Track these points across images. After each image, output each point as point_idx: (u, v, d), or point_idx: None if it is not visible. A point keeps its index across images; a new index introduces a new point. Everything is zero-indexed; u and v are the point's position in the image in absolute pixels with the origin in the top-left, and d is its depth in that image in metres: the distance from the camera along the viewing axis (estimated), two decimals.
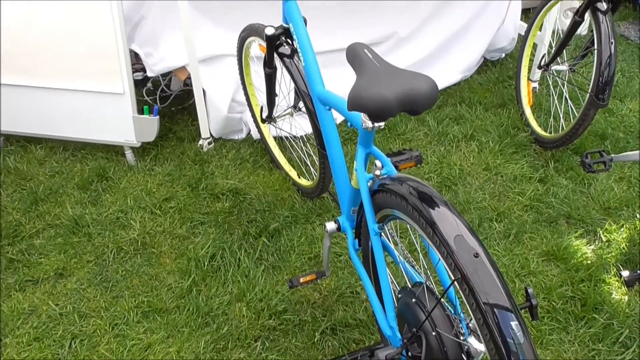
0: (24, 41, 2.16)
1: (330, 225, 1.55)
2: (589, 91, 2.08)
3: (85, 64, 2.16)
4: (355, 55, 1.18)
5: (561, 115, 2.43)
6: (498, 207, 2.13)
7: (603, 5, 2.04)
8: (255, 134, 2.45)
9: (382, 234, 1.34)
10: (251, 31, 1.98)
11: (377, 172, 1.25)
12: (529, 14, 3.46)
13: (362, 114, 1.17)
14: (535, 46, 2.63)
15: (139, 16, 2.51)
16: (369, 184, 1.27)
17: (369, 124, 1.16)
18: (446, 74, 2.81)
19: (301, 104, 1.90)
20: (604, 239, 2.00)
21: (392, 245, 1.41)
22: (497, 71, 2.99)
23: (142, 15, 2.49)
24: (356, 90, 1.07)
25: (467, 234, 1.05)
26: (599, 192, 2.19)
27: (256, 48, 2.06)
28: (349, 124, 1.38)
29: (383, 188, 1.20)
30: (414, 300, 1.19)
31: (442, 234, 1.05)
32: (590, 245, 1.98)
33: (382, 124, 1.16)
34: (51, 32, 2.13)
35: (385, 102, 1.03)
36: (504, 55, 3.09)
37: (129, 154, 2.34)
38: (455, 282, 1.00)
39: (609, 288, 1.81)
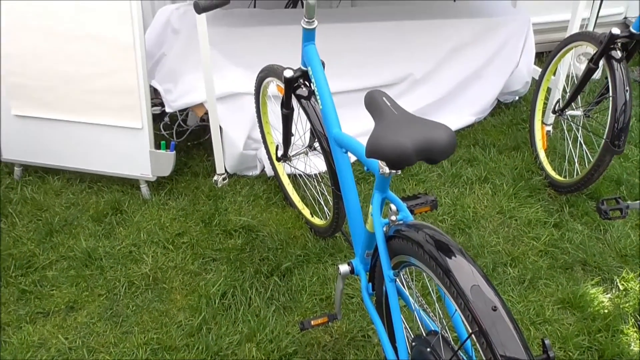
0: (49, 75, 2.21)
1: (344, 268, 1.54)
2: (605, 137, 2.09)
3: (106, 99, 2.21)
4: (374, 103, 1.20)
5: (576, 160, 2.43)
6: (512, 252, 2.11)
7: (617, 54, 2.06)
8: (269, 171, 2.47)
9: (397, 279, 1.33)
10: (269, 72, 2.02)
11: (393, 218, 1.25)
12: (542, 58, 3.50)
13: (379, 160, 1.18)
14: (549, 90, 2.65)
15: (160, 53, 2.58)
16: (384, 229, 1.27)
17: (387, 170, 1.16)
18: (460, 116, 2.83)
19: (316, 144, 1.91)
20: (621, 287, 1.97)
21: (406, 291, 1.40)
22: (510, 114, 3.01)
23: (164, 52, 2.56)
24: (375, 138, 1.08)
25: (483, 284, 1.04)
26: (616, 239, 2.17)
27: (274, 88, 2.10)
28: (365, 167, 1.39)
29: (399, 234, 1.20)
30: (429, 349, 1.18)
31: (459, 284, 1.04)
32: (607, 294, 1.95)
33: (399, 171, 1.17)
34: (76, 68, 2.18)
35: (403, 151, 1.04)
36: (517, 98, 3.12)
37: (144, 188, 2.37)
38: (473, 335, 0.99)
39: (627, 339, 1.77)
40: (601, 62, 2.14)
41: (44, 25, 2.14)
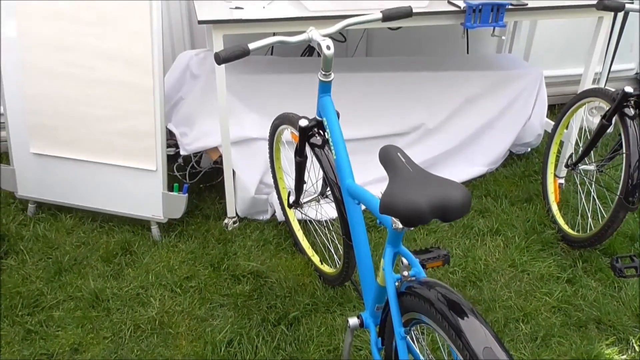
0: (69, 116, 2.26)
1: (353, 321, 1.52)
2: (618, 194, 2.07)
3: (123, 141, 2.25)
4: (389, 158, 1.21)
5: (589, 215, 2.41)
6: (524, 307, 2.07)
7: (630, 111, 2.07)
8: (280, 216, 2.47)
9: (407, 336, 1.30)
10: (284, 119, 2.05)
11: (405, 273, 1.24)
12: (555, 111, 3.52)
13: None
14: (561, 143, 2.66)
15: (178, 97, 2.63)
16: (396, 284, 1.26)
17: (400, 226, 1.16)
18: (472, 166, 2.84)
19: (329, 192, 1.92)
20: (637, 348, 1.92)
21: (416, 347, 1.37)
22: (523, 165, 3.01)
23: (182, 96, 2.61)
24: (389, 195, 1.09)
25: (496, 346, 1.03)
26: (631, 297, 2.12)
27: (288, 135, 2.12)
28: (377, 220, 1.39)
29: (411, 291, 1.19)
30: None
31: (471, 346, 1.03)
32: (622, 355, 1.90)
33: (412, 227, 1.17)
34: (96, 110, 2.23)
35: (418, 210, 1.04)
36: (529, 149, 3.12)
37: (155, 229, 2.37)
38: None
39: None
40: (614, 119, 2.14)
41: (67, 70, 2.20)
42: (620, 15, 3.14)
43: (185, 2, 2.84)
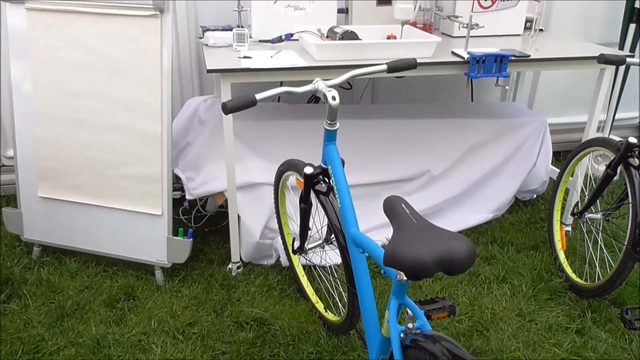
0: (78, 161, 2.30)
1: None
2: (626, 244, 2.06)
3: (130, 185, 2.27)
4: (393, 209, 1.21)
5: (597, 264, 2.38)
6: (533, 359, 2.02)
7: (635, 161, 2.08)
8: (284, 261, 2.46)
9: None
10: (290, 166, 2.07)
11: (410, 325, 1.22)
12: (560, 157, 3.54)
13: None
14: (567, 191, 2.66)
15: (185, 142, 2.67)
16: (401, 336, 1.24)
17: (404, 278, 1.15)
18: (477, 212, 2.83)
19: (333, 238, 1.92)
20: None
21: None
22: (528, 212, 3.00)
23: (188, 141, 2.65)
24: (393, 247, 1.08)
25: None
26: None
27: (293, 180, 2.14)
28: (382, 271, 1.38)
29: (416, 344, 1.17)
30: None
31: None
32: None
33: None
34: (104, 155, 2.27)
35: (422, 264, 1.03)
36: (535, 196, 3.12)
37: (159, 274, 2.36)
38: None
39: None
40: (619, 169, 2.15)
41: (78, 116, 2.24)
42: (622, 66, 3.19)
43: (195, 49, 2.92)
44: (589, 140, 2.33)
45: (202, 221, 2.75)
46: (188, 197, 2.52)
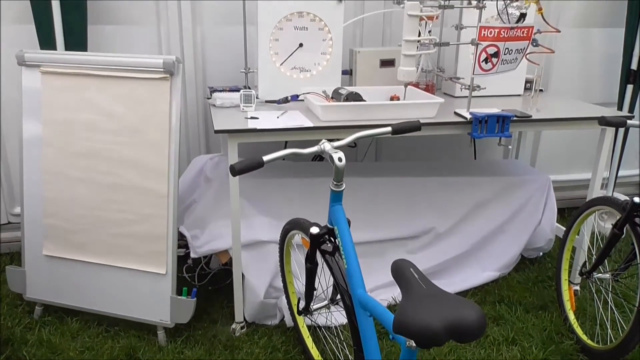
0: (84, 219, 2.31)
1: None
2: (637, 305, 2.02)
3: (135, 244, 2.27)
4: (401, 274, 1.20)
5: (608, 324, 2.33)
6: None
7: None
8: (289, 322, 2.42)
9: None
10: (295, 225, 2.07)
11: None
12: (565, 214, 3.54)
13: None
14: (574, 249, 2.64)
15: (191, 200, 2.69)
16: None
17: (414, 345, 1.13)
18: (484, 270, 2.80)
19: (339, 298, 1.89)
20: None
21: None
22: (535, 270, 2.97)
23: (194, 199, 2.67)
24: (403, 315, 1.07)
25: None
26: None
27: (298, 239, 2.13)
28: (390, 336, 1.35)
29: None
30: None
31: None
32: None
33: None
34: (110, 214, 2.28)
35: (432, 332, 1.02)
36: (541, 254, 3.09)
37: (161, 334, 2.32)
38: None
39: None
40: (626, 228, 2.14)
41: (86, 175, 2.27)
42: None
43: (202, 109, 2.99)
44: (594, 199, 2.33)
45: (205, 279, 2.72)
46: (193, 255, 2.50)
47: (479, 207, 2.80)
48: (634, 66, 3.16)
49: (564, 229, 2.57)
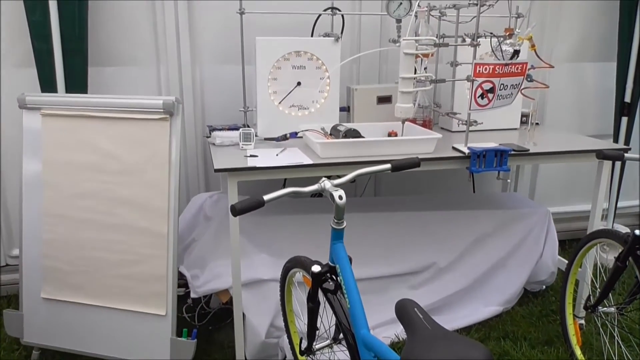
0: (84, 261, 2.29)
1: None
2: None
3: (134, 285, 2.24)
4: (406, 314, 1.19)
5: (615, 359, 2.29)
6: None
7: None
8: None
9: None
10: (297, 263, 2.05)
11: None
12: (566, 246, 3.52)
13: None
14: (577, 282, 2.61)
15: (190, 238, 2.67)
16: None
17: None
18: (487, 305, 2.77)
19: (342, 337, 1.86)
20: None
21: None
22: (539, 303, 2.94)
23: (194, 238, 2.65)
24: (409, 356, 1.05)
25: None
26: None
27: (299, 277, 2.11)
28: None
29: None
30: None
31: None
32: None
33: None
34: (110, 255, 2.26)
35: None
36: (544, 287, 3.07)
37: None
38: None
39: None
40: (628, 261, 2.13)
41: (86, 215, 2.27)
42: None
43: (201, 147, 3.00)
44: (595, 232, 2.33)
45: (206, 319, 2.68)
46: (193, 295, 2.48)
47: (479, 241, 2.79)
48: (627, 99, 3.21)
49: (566, 261, 2.56)
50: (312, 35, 2.79)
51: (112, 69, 2.79)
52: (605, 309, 2.33)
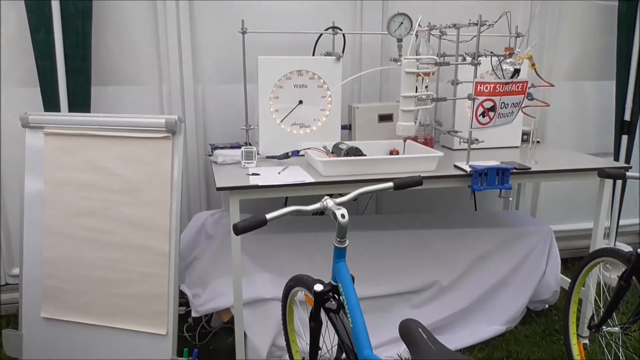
0: (85, 280, 2.27)
1: None
2: None
3: (135, 305, 2.23)
4: (410, 334, 1.18)
5: None
6: None
7: None
8: None
9: None
10: (299, 282, 2.04)
11: None
12: (569, 265, 3.51)
13: None
14: (580, 302, 2.60)
15: (192, 257, 2.66)
16: None
17: None
18: (490, 324, 2.75)
19: (344, 357, 1.84)
20: None
21: None
22: (542, 323, 2.91)
23: (196, 256, 2.64)
24: None
25: None
26: None
27: (301, 295, 2.10)
28: None
29: None
30: None
31: None
32: None
33: None
34: (111, 274, 2.25)
35: None
36: (547, 306, 3.05)
37: None
38: None
39: None
40: (632, 280, 2.12)
41: (87, 234, 2.26)
42: None
43: (203, 166, 3.01)
44: (597, 251, 2.32)
45: (206, 338, 2.66)
46: (194, 314, 2.46)
47: (481, 259, 2.78)
48: (627, 117, 3.22)
49: (569, 280, 2.54)
50: (313, 54, 2.82)
51: (115, 87, 2.81)
52: (609, 328, 2.31)
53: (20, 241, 2.36)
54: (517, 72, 2.29)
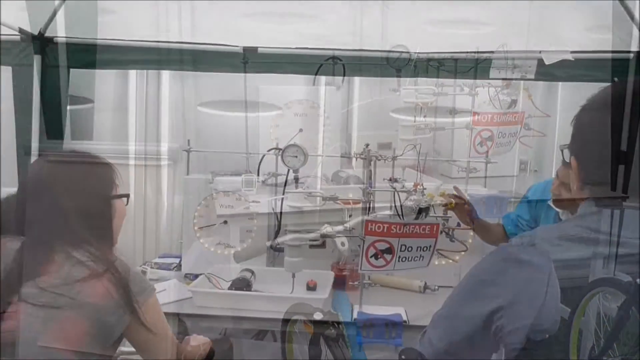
0: None
1: None
2: None
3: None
4: None
5: None
6: None
7: None
8: None
9: None
10: (298, 309, 2.03)
11: None
12: (568, 294, 3.48)
13: None
14: (581, 332, 2.58)
15: None
16: None
17: None
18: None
19: None
20: None
21: None
22: (543, 354, 2.88)
23: None
24: None
25: None
26: None
27: (301, 325, 2.09)
28: None
29: None
30: None
31: None
32: None
33: None
34: None
35: None
36: (547, 335, 3.02)
37: None
38: None
39: None
40: (631, 310, 2.11)
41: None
42: None
43: (204, 193, 3.01)
44: (596, 280, 2.30)
45: None
46: None
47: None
48: (623, 147, 3.25)
49: (569, 309, 2.53)
50: (314, 84, 2.86)
51: (117, 114, 2.83)
52: (610, 359, 2.29)
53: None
54: (514, 102, 2.33)
